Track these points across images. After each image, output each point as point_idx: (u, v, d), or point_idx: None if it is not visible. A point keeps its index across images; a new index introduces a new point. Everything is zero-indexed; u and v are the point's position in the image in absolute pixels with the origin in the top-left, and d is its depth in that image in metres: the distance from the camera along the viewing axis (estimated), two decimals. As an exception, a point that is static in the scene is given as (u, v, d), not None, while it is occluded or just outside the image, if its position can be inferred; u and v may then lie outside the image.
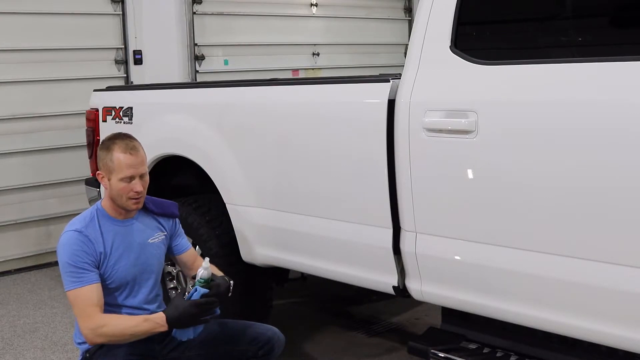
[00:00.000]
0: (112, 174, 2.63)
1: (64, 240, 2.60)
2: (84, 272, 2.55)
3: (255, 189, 3.24)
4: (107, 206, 2.71)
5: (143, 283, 2.74)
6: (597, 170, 2.13)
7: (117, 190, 2.63)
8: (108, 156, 2.65)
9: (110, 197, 2.68)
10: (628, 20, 2.27)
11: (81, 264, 2.55)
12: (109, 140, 2.71)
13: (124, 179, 2.62)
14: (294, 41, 7.21)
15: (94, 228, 2.64)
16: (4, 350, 4.00)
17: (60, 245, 2.61)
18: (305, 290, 4.56)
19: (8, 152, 5.53)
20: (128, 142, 2.68)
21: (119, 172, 2.62)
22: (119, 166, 2.62)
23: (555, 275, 2.26)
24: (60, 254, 2.59)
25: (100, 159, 2.68)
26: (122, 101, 4.00)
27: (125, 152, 2.64)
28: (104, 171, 2.67)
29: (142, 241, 2.75)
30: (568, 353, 2.41)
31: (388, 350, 3.78)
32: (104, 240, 2.64)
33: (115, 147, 2.65)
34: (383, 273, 2.78)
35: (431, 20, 2.57)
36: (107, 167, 2.65)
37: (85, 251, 2.57)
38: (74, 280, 2.55)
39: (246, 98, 3.36)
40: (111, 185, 2.64)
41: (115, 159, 2.63)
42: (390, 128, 2.62)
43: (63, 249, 2.59)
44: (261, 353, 2.75)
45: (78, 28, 5.79)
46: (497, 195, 2.36)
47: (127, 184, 2.63)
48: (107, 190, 2.68)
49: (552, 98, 2.23)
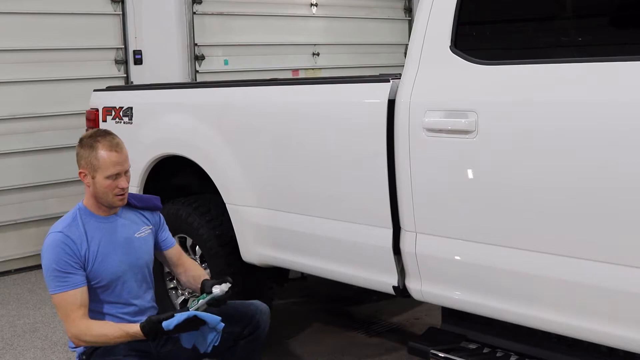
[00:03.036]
0: (97, 172, 2.62)
1: (47, 243, 2.59)
2: (68, 275, 2.55)
3: (255, 189, 3.24)
4: (90, 204, 2.69)
5: (132, 277, 2.73)
6: (597, 170, 2.13)
7: (103, 188, 2.63)
8: (92, 154, 2.63)
9: (94, 195, 2.67)
10: (628, 20, 2.27)
11: (65, 266, 2.55)
12: (90, 138, 2.68)
13: (110, 176, 2.61)
14: (294, 41, 7.20)
15: (77, 228, 2.63)
16: (4, 350, 4.00)
17: (44, 248, 2.60)
18: (305, 290, 4.56)
19: (8, 152, 5.53)
20: (111, 140, 2.66)
21: (105, 170, 2.61)
22: (104, 164, 2.61)
23: (555, 275, 2.26)
24: (44, 257, 2.59)
25: (82, 157, 2.66)
26: (122, 101, 4.00)
27: (110, 150, 2.63)
28: (87, 169, 2.64)
29: (128, 236, 2.74)
30: (568, 353, 2.41)
31: (388, 350, 3.78)
32: (89, 240, 2.63)
33: (99, 145, 2.63)
34: (383, 273, 2.78)
35: (431, 20, 2.57)
36: (91, 165, 2.63)
37: (68, 253, 2.56)
38: (59, 284, 2.55)
39: (246, 98, 3.36)
40: (96, 183, 2.63)
41: (101, 157, 2.61)
42: (390, 128, 2.62)
43: (47, 252, 2.58)
44: (247, 332, 2.74)
45: (78, 28, 5.79)
46: (497, 195, 2.36)
47: (112, 181, 2.62)
48: (90, 188, 2.66)
49: (552, 98, 2.23)
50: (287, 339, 3.81)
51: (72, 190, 5.72)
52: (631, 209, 2.07)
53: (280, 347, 3.75)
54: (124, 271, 2.70)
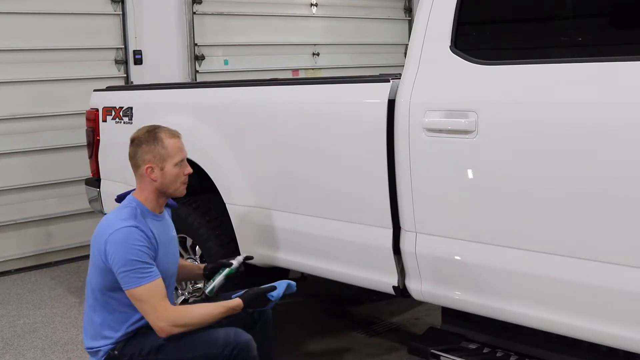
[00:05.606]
0: (165, 161, 2.62)
1: (123, 237, 2.50)
2: (150, 267, 2.52)
3: (255, 189, 3.24)
4: (150, 199, 2.66)
5: (173, 277, 2.76)
6: (597, 170, 2.13)
7: (172, 177, 2.63)
8: (159, 145, 2.63)
9: (159, 189, 2.65)
10: (628, 20, 2.27)
11: (146, 258, 2.51)
12: (148, 132, 2.67)
13: (179, 163, 2.64)
14: (294, 41, 7.21)
15: (143, 223, 2.59)
16: (4, 350, 4.00)
17: (118, 243, 2.50)
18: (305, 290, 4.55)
19: (8, 152, 5.53)
20: (169, 129, 2.69)
21: (174, 157, 2.63)
22: (173, 151, 2.63)
23: (555, 275, 2.26)
24: (121, 251, 2.48)
25: (147, 152, 2.63)
26: (122, 101, 4.00)
27: (173, 137, 2.67)
28: (154, 162, 2.62)
29: (173, 235, 2.78)
30: (568, 353, 2.41)
31: (388, 350, 3.78)
32: (154, 236, 2.60)
33: (163, 135, 2.65)
34: (383, 273, 2.78)
35: (431, 20, 2.57)
36: (160, 156, 2.62)
37: (146, 245, 2.53)
38: (142, 276, 2.48)
39: (246, 98, 3.36)
40: (165, 173, 2.63)
41: (168, 145, 2.63)
42: (390, 128, 2.62)
43: (122, 246, 2.49)
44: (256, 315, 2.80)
45: (78, 28, 5.79)
46: (497, 195, 2.37)
47: (180, 169, 2.65)
48: (156, 182, 2.63)
49: (552, 98, 2.23)
50: (287, 339, 3.81)
51: (72, 190, 5.73)
52: (631, 209, 2.07)
53: (280, 347, 3.75)
54: (173, 271, 2.72)
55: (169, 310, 2.51)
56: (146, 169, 2.63)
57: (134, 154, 2.68)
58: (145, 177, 2.65)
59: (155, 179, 2.64)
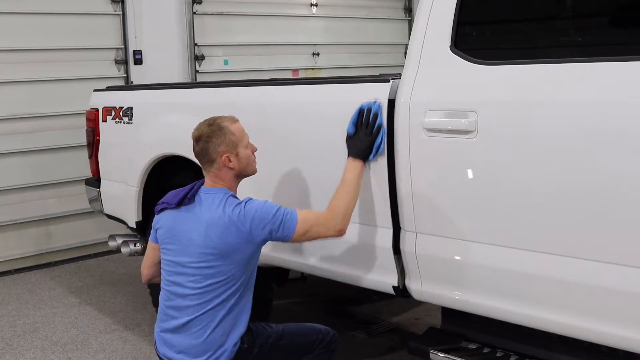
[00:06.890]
0: (237, 146, 2.70)
1: (255, 204, 2.63)
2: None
3: (255, 188, 3.23)
4: (232, 187, 2.76)
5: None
6: (597, 170, 2.13)
7: (247, 158, 2.74)
8: (228, 133, 2.69)
9: (239, 173, 2.74)
10: (628, 20, 2.27)
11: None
12: (210, 125, 2.71)
13: (248, 144, 2.74)
14: (294, 41, 7.21)
15: None
16: (4, 350, 4.00)
17: (254, 202, 2.63)
18: (305, 290, 4.56)
19: (8, 152, 5.54)
20: (224, 115, 2.76)
21: (242, 139, 2.72)
22: (240, 134, 2.72)
23: (556, 275, 2.26)
24: (259, 204, 2.62)
25: (219, 144, 2.68)
26: (122, 101, 4.00)
27: (234, 122, 2.74)
28: (229, 150, 2.69)
29: None
30: (568, 353, 2.41)
31: (388, 350, 3.79)
32: None
33: (225, 123, 2.71)
34: (383, 273, 2.78)
35: (431, 20, 2.57)
36: (232, 143, 2.69)
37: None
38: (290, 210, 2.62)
39: (246, 98, 3.36)
40: (240, 158, 2.71)
41: (235, 130, 2.71)
42: (390, 128, 2.62)
43: (262, 204, 2.63)
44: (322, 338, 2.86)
45: (78, 28, 5.80)
46: (497, 195, 2.36)
47: (249, 149, 2.74)
48: (235, 169, 2.71)
49: (552, 98, 2.23)
50: (287, 339, 3.81)
51: (72, 190, 5.73)
52: (631, 209, 2.07)
53: (280, 347, 3.75)
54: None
55: (332, 214, 2.61)
56: (223, 159, 2.69)
57: (205, 150, 2.71)
58: (222, 167, 2.71)
59: (233, 166, 2.71)
